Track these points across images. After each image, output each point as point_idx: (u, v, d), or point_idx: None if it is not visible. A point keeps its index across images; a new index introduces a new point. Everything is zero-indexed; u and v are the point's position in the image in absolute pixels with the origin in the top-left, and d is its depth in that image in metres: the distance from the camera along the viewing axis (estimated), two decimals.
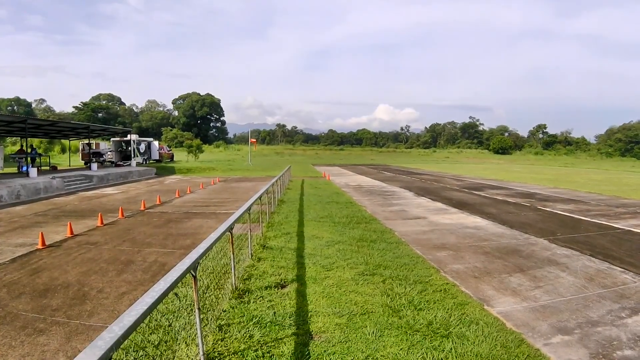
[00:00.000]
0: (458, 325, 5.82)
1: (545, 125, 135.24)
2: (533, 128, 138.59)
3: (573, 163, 78.85)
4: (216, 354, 4.76)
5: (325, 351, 4.92)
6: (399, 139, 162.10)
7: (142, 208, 16.50)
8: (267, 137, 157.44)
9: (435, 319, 5.96)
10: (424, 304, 6.55)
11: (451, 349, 5.08)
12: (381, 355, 4.88)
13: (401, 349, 5.03)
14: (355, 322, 5.81)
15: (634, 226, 13.86)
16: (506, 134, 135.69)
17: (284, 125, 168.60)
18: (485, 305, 6.77)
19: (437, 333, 5.52)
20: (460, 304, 6.64)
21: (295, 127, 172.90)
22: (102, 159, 41.19)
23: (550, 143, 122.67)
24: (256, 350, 4.86)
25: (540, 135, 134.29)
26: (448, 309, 6.38)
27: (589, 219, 15.23)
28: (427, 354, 4.94)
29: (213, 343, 5.02)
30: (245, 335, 5.25)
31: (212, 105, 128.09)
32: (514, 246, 10.92)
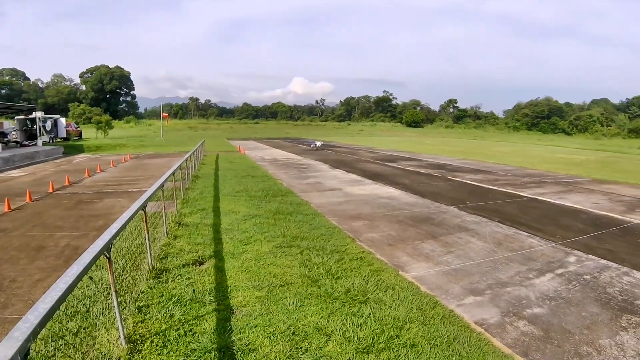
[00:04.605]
0: (375, 291, 6.11)
1: (456, 100, 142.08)
2: (444, 102, 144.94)
3: (482, 136, 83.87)
4: (137, 337, 4.66)
5: (247, 325, 4.98)
6: (314, 112, 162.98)
7: (50, 190, 15.40)
8: (180, 111, 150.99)
9: (353, 287, 6.20)
10: (342, 273, 6.79)
11: (369, 314, 5.33)
12: (302, 325, 5.02)
13: (322, 317, 5.20)
14: (275, 294, 5.92)
15: (539, 194, 15.17)
16: (418, 108, 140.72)
17: (197, 99, 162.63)
18: (401, 271, 7.15)
19: (356, 300, 5.77)
20: (376, 271, 6.95)
21: (209, 101, 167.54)
22: (6, 139, 37.61)
23: (461, 117, 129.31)
24: (178, 330, 4.82)
25: (451, 110, 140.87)
26: (365, 276, 6.66)
27: (496, 188, 16.42)
28: (346, 320, 5.15)
29: (133, 325, 4.91)
30: (165, 315, 5.18)
31: (122, 79, 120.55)
32: (426, 214, 11.54)
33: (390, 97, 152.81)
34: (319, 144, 40.54)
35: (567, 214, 12.10)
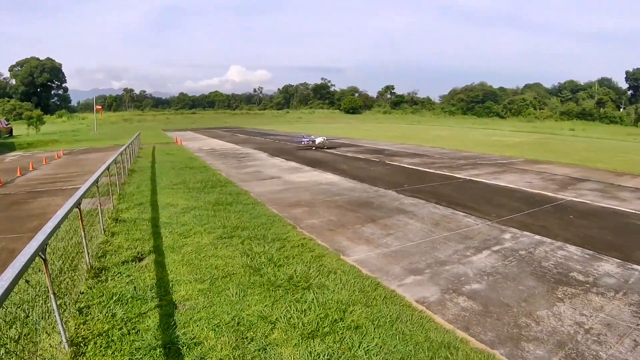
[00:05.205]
0: (317, 276, 6.23)
1: (393, 86, 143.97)
2: (382, 89, 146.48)
3: (419, 121, 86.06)
4: (80, 339, 4.54)
5: (191, 318, 4.97)
6: (252, 101, 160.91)
7: None
8: (114, 103, 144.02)
9: (296, 273, 6.30)
10: (284, 260, 6.87)
11: (313, 299, 5.45)
12: (247, 314, 5.06)
13: (265, 306, 5.27)
14: (218, 285, 5.92)
15: (474, 175, 15.84)
16: (356, 95, 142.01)
17: (131, 90, 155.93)
18: (342, 255, 7.32)
19: (299, 286, 5.86)
20: (318, 257, 7.09)
21: (144, 92, 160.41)
22: None
23: (398, 103, 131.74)
24: (121, 329, 4.74)
25: (389, 96, 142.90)
26: (307, 262, 6.77)
27: (433, 171, 16.99)
28: (290, 307, 5.24)
29: (75, 328, 4.78)
30: (107, 315, 5.07)
31: (53, 71, 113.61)
32: (365, 199, 11.80)
33: (329, 84, 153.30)
34: (319, 140, 27.57)
35: (502, 193, 12.71)
